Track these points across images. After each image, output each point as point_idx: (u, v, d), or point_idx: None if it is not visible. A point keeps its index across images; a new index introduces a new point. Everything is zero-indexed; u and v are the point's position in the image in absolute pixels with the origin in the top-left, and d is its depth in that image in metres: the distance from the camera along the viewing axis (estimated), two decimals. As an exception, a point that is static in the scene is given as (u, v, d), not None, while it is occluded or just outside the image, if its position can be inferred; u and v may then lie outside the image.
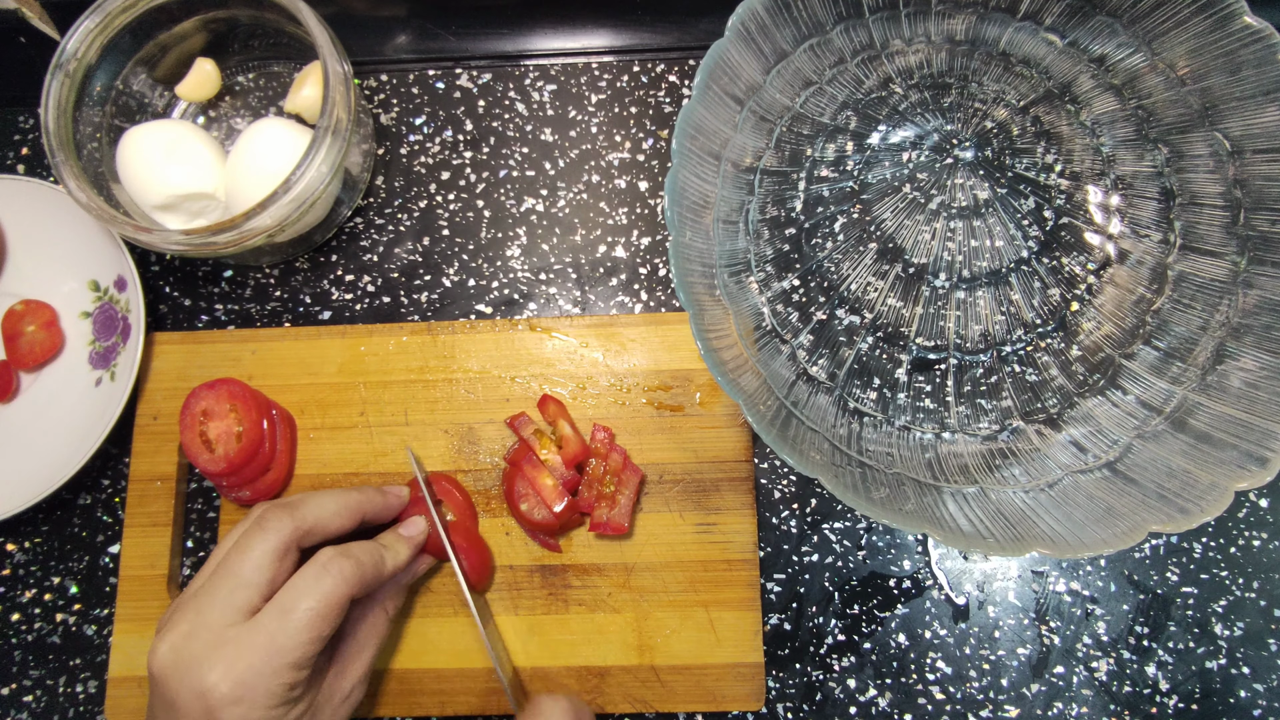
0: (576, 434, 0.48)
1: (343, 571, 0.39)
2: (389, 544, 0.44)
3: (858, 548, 0.50)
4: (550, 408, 0.49)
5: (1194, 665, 0.48)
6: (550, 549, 0.48)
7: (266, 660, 0.37)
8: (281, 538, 0.40)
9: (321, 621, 0.38)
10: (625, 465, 0.47)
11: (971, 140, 0.41)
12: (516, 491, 0.47)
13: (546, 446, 0.47)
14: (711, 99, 0.41)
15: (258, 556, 0.39)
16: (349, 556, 0.40)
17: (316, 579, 0.39)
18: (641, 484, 0.48)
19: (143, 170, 0.49)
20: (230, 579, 0.39)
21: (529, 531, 0.48)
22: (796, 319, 0.42)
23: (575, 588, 0.48)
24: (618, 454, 0.47)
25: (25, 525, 0.52)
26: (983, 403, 0.40)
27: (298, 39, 0.52)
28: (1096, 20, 0.42)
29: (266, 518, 0.40)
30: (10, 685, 0.50)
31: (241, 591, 0.38)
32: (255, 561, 0.39)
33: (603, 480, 0.47)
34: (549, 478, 0.47)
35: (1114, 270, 0.41)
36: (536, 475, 0.47)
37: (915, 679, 0.48)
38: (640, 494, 0.48)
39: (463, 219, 0.55)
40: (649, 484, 0.49)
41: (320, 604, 0.38)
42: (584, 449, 0.48)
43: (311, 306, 0.54)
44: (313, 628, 0.38)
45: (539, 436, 0.48)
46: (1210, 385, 0.38)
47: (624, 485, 0.47)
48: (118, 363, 0.51)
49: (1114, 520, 0.35)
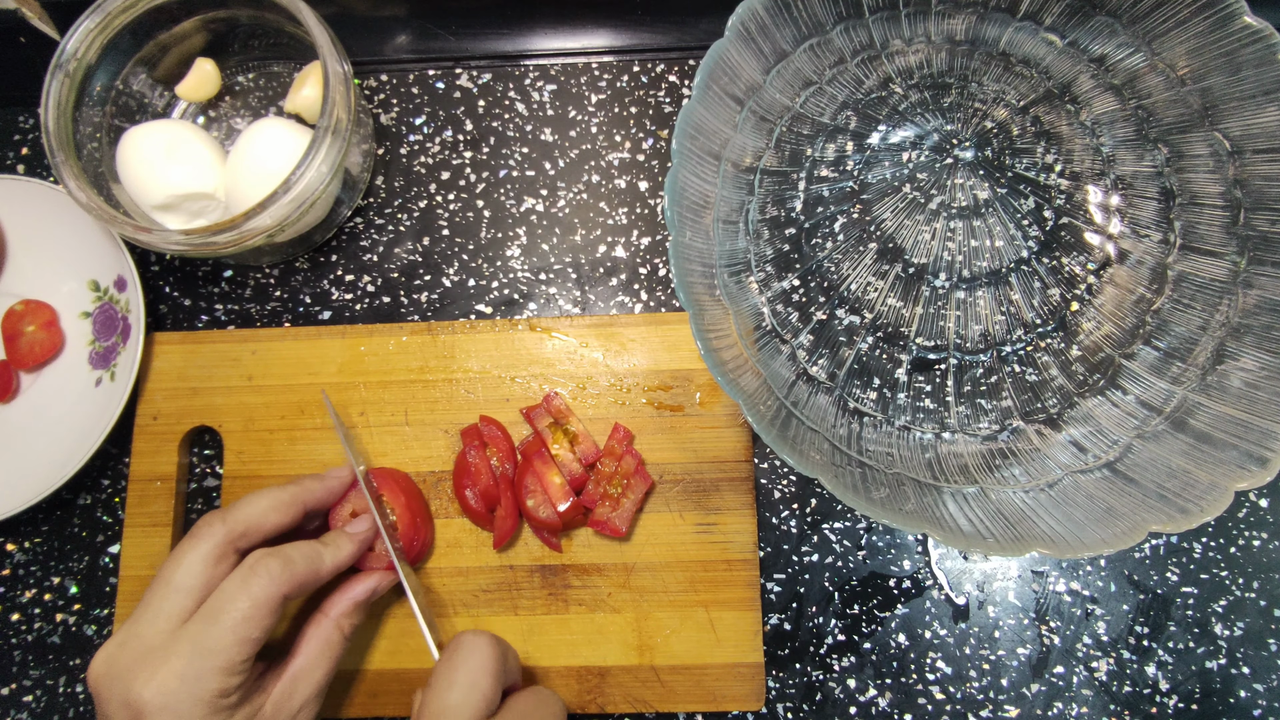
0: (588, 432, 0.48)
1: (270, 571, 0.38)
2: (331, 541, 0.43)
3: (858, 548, 0.50)
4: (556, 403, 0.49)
5: (1194, 665, 0.48)
6: (551, 547, 0.48)
7: (192, 666, 0.36)
8: (213, 542, 0.39)
9: (248, 624, 0.37)
10: (637, 470, 0.47)
11: (971, 140, 0.41)
12: (525, 487, 0.47)
13: (559, 441, 0.47)
14: (711, 99, 0.41)
15: (188, 563, 0.39)
16: (277, 555, 0.39)
17: (243, 581, 0.38)
18: (649, 493, 0.48)
19: (143, 170, 0.49)
20: (162, 587, 0.38)
21: (533, 527, 0.48)
22: (796, 319, 0.42)
23: (575, 588, 0.48)
24: (632, 458, 0.47)
25: (25, 525, 0.52)
26: (983, 403, 0.40)
27: (298, 39, 0.52)
28: (1096, 20, 0.42)
29: (198, 525, 0.40)
30: (10, 685, 0.50)
31: (172, 599, 0.38)
32: (186, 568, 0.38)
33: (611, 480, 0.47)
34: (557, 475, 0.47)
35: (1114, 270, 0.41)
36: (545, 472, 0.47)
37: (915, 679, 0.48)
38: (645, 502, 0.48)
39: (463, 219, 0.55)
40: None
41: (247, 605, 0.37)
42: (595, 449, 0.48)
43: (311, 306, 0.54)
44: (239, 630, 0.37)
45: (553, 430, 0.48)
46: (1210, 385, 0.38)
47: (631, 489, 0.47)
48: (118, 363, 0.51)
49: (1114, 520, 0.35)
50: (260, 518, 0.41)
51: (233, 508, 0.41)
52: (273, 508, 0.42)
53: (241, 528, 0.40)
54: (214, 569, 0.39)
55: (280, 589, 0.39)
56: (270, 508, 0.42)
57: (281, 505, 0.42)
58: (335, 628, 0.42)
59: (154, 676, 0.36)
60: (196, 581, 0.38)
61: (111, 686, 0.37)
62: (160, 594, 0.38)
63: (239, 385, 0.51)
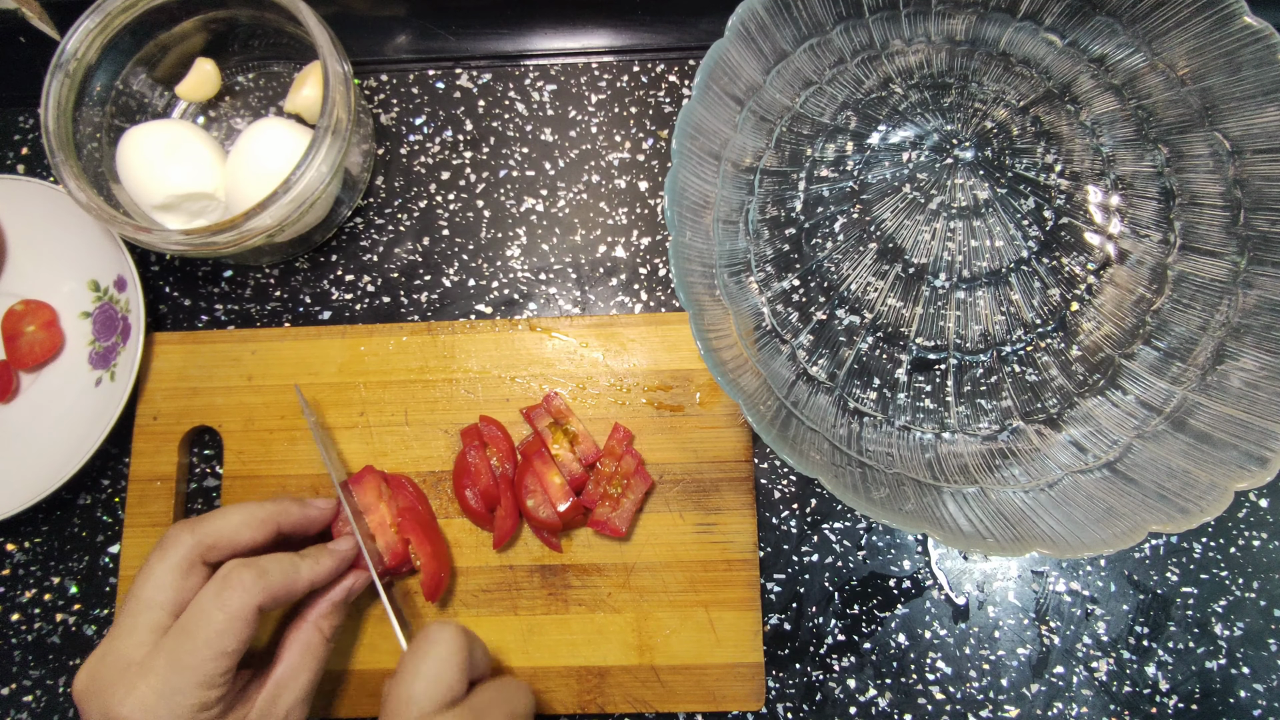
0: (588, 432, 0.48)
1: (243, 582, 0.38)
2: (310, 554, 0.42)
3: (858, 548, 0.50)
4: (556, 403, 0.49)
5: (1194, 665, 0.48)
6: (551, 547, 0.48)
7: (169, 681, 0.36)
8: (180, 554, 0.39)
9: (224, 637, 0.37)
10: (637, 470, 0.47)
11: (971, 140, 0.41)
12: (525, 487, 0.47)
13: (559, 441, 0.47)
14: (711, 99, 0.41)
15: (158, 576, 0.38)
16: (252, 567, 0.39)
17: (217, 593, 0.38)
18: (649, 493, 0.48)
19: (143, 170, 0.49)
20: (134, 602, 0.38)
21: (533, 528, 0.48)
22: (796, 319, 0.42)
23: (575, 588, 0.48)
24: (632, 458, 0.47)
25: (25, 525, 0.52)
26: (983, 403, 0.40)
27: (298, 39, 0.52)
28: (1096, 20, 0.42)
29: (166, 535, 0.40)
30: (10, 685, 0.50)
31: (146, 614, 0.38)
32: (156, 581, 0.38)
33: (611, 480, 0.47)
34: (557, 475, 0.47)
35: (1114, 270, 0.41)
36: (545, 472, 0.47)
37: (915, 679, 0.48)
38: (645, 502, 0.48)
39: (463, 219, 0.55)
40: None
41: (222, 619, 0.37)
42: (595, 449, 0.48)
43: (311, 306, 0.54)
44: (215, 644, 0.37)
45: (553, 430, 0.48)
46: (1210, 385, 0.38)
47: (631, 490, 0.47)
48: (117, 363, 0.51)
49: (1114, 520, 0.35)
50: (232, 533, 0.41)
51: (203, 519, 0.41)
52: (245, 524, 0.41)
53: (210, 540, 0.40)
54: (184, 581, 0.39)
55: (254, 600, 0.38)
56: (243, 524, 0.41)
57: (255, 522, 0.41)
58: (315, 630, 0.42)
59: (131, 692, 0.36)
60: (167, 596, 0.38)
61: (92, 702, 0.37)
62: (133, 609, 0.38)
63: (239, 385, 0.51)
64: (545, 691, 0.47)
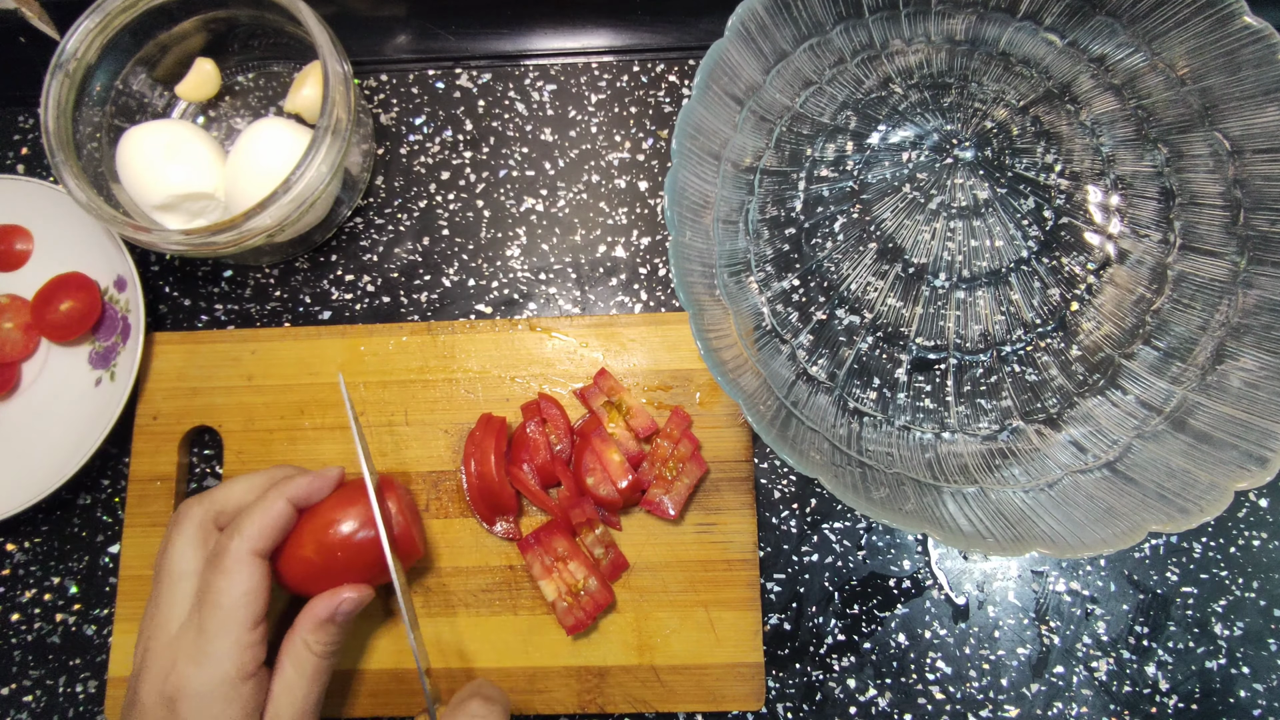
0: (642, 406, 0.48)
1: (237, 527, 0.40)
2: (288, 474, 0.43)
3: (858, 548, 0.50)
4: (608, 381, 0.49)
5: (1194, 665, 0.48)
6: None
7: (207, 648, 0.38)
8: (195, 523, 0.41)
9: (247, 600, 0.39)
10: (693, 455, 0.47)
11: (971, 140, 0.41)
12: (585, 465, 0.47)
13: (615, 420, 0.48)
14: (711, 99, 0.41)
15: (180, 547, 0.40)
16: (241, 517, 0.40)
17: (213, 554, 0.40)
18: (703, 479, 0.48)
19: (143, 170, 0.49)
20: (166, 578, 0.40)
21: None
22: (796, 319, 0.42)
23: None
24: (689, 442, 0.48)
25: (25, 525, 0.52)
26: (983, 403, 0.40)
27: (298, 39, 0.52)
28: (1096, 20, 0.42)
29: (178, 512, 0.42)
30: (10, 685, 0.50)
31: (179, 584, 0.40)
32: (179, 552, 0.40)
33: (666, 463, 0.47)
34: (616, 453, 0.47)
35: (1114, 270, 0.41)
36: (604, 450, 0.47)
37: (915, 679, 0.48)
38: (698, 488, 0.48)
39: (463, 219, 0.55)
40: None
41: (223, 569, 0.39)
42: (651, 422, 0.48)
43: (311, 306, 0.54)
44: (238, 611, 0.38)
45: (608, 409, 0.48)
46: (1210, 385, 0.38)
47: (685, 474, 0.47)
48: (118, 363, 0.51)
49: (1114, 520, 0.35)
50: (239, 497, 0.42)
51: (210, 491, 0.43)
52: (250, 489, 0.43)
53: (219, 506, 0.42)
54: (203, 550, 0.40)
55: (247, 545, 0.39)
56: (248, 489, 0.43)
57: (256, 489, 0.43)
58: (304, 647, 0.41)
59: (176, 665, 0.38)
60: (192, 565, 0.40)
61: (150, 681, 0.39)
62: (166, 584, 0.40)
63: (239, 385, 0.51)
64: (545, 691, 0.47)
